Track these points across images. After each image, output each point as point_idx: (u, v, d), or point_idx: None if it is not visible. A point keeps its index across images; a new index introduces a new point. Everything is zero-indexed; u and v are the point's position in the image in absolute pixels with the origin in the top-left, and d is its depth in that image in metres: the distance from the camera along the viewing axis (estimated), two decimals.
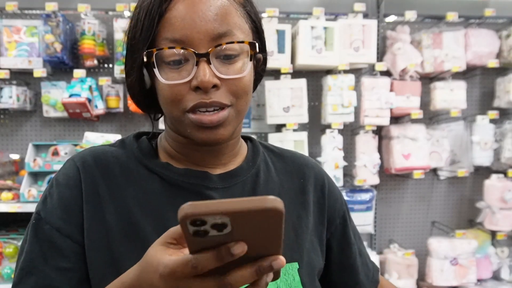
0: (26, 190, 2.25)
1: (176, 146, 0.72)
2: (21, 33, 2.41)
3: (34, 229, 0.67)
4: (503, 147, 2.64)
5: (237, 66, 0.64)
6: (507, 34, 2.65)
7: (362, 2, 2.49)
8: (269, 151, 0.82)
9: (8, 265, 2.29)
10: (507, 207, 2.59)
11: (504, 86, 2.66)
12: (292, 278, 0.69)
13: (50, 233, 0.65)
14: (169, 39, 0.62)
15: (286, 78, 2.43)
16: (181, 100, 0.63)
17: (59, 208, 0.67)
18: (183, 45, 0.62)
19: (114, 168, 0.69)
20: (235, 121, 0.67)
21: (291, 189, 0.77)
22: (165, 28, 0.63)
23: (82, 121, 2.59)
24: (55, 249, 0.65)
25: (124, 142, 0.75)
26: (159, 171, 0.70)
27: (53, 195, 0.68)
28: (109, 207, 0.66)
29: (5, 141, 2.61)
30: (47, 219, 0.66)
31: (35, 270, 0.64)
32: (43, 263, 0.64)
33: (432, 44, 2.58)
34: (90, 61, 2.47)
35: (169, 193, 0.68)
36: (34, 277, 0.64)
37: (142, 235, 0.65)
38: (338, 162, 2.45)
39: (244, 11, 0.67)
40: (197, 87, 0.62)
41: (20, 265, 0.66)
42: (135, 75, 0.67)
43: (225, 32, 0.63)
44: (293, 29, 2.50)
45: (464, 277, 2.57)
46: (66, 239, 0.65)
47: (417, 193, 2.83)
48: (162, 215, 0.67)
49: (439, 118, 2.72)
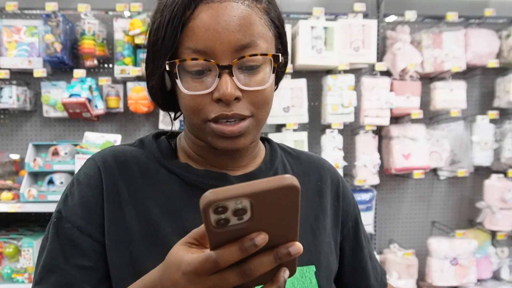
0: (26, 190, 2.25)
1: (195, 148, 0.73)
2: (21, 33, 2.41)
3: (55, 228, 0.67)
4: (503, 147, 2.64)
5: (259, 77, 0.64)
6: (507, 34, 2.65)
7: (362, 2, 2.49)
8: (286, 153, 0.82)
9: (8, 265, 2.29)
10: (507, 207, 2.59)
11: (504, 86, 2.66)
12: (309, 281, 0.69)
13: (71, 231, 0.66)
14: (192, 49, 0.62)
15: (286, 78, 2.43)
16: (202, 110, 0.63)
17: (80, 207, 0.67)
18: (206, 56, 0.61)
19: (133, 168, 0.70)
20: (255, 130, 0.67)
21: (309, 191, 0.78)
22: (188, 37, 0.62)
23: (82, 121, 2.59)
24: (76, 248, 0.65)
25: (143, 142, 0.75)
26: (179, 172, 0.70)
27: (74, 194, 0.68)
28: (129, 207, 0.67)
29: (5, 141, 2.61)
30: (68, 217, 0.67)
31: (56, 268, 0.65)
32: (64, 261, 0.65)
33: (432, 44, 2.58)
34: (90, 61, 2.47)
35: (188, 194, 0.69)
36: (56, 275, 0.64)
37: (161, 236, 0.65)
38: (338, 162, 2.45)
39: (268, 18, 0.67)
40: (219, 99, 0.62)
41: (41, 263, 0.66)
42: (156, 80, 0.67)
43: (248, 43, 0.62)
44: (293, 29, 2.50)
45: (464, 277, 2.57)
46: (86, 238, 0.66)
47: (417, 193, 2.83)
48: (181, 216, 0.67)
49: (439, 118, 2.72)
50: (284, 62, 0.73)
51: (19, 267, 2.26)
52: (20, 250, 2.25)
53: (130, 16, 2.47)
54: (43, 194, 2.25)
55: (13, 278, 2.26)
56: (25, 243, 2.24)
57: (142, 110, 2.40)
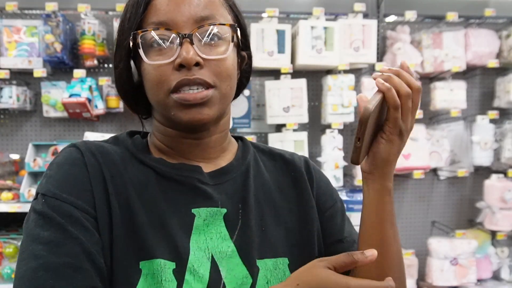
0: (26, 190, 2.25)
1: (166, 140, 0.73)
2: (21, 33, 2.41)
3: (46, 208, 0.61)
4: (503, 147, 2.64)
5: (220, 49, 0.67)
6: (507, 34, 2.65)
7: (362, 2, 2.49)
8: (259, 150, 0.83)
9: (8, 265, 2.29)
10: (507, 207, 2.59)
11: (504, 86, 2.67)
12: (283, 273, 0.69)
13: (63, 207, 0.61)
14: (155, 22, 0.65)
15: (286, 78, 2.43)
16: (166, 80, 0.65)
17: (67, 184, 0.64)
18: (167, 27, 0.65)
19: (113, 156, 0.69)
20: (220, 104, 0.68)
21: (284, 184, 0.78)
22: (151, 13, 0.66)
23: (82, 121, 2.59)
24: (76, 222, 0.61)
25: (118, 138, 0.75)
26: (153, 165, 0.70)
27: (54, 176, 0.65)
28: (111, 189, 0.65)
29: (5, 141, 2.61)
30: (57, 195, 0.62)
31: (67, 240, 0.59)
32: (73, 232, 0.60)
33: (432, 44, 2.58)
34: (90, 61, 2.47)
35: (163, 186, 0.69)
36: (66, 247, 0.59)
37: (137, 223, 0.65)
38: (338, 162, 2.45)
39: (226, 4, 0.71)
40: (181, 65, 0.64)
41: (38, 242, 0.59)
42: (123, 64, 0.69)
43: (207, 16, 0.66)
44: (293, 29, 2.50)
45: (464, 277, 2.57)
46: (82, 213, 0.62)
47: (417, 193, 2.83)
48: (157, 206, 0.67)
49: (439, 118, 2.72)
50: (248, 61, 0.76)
51: None
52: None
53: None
54: None
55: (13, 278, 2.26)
56: None
57: None
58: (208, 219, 0.68)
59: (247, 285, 0.66)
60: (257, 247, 0.69)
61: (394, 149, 0.68)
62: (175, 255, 0.64)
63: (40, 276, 0.57)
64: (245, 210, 0.71)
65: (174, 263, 0.63)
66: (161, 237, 0.65)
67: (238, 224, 0.70)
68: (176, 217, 0.67)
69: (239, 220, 0.70)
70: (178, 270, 0.63)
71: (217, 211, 0.69)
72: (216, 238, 0.68)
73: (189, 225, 0.67)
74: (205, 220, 0.68)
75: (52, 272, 0.57)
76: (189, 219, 0.67)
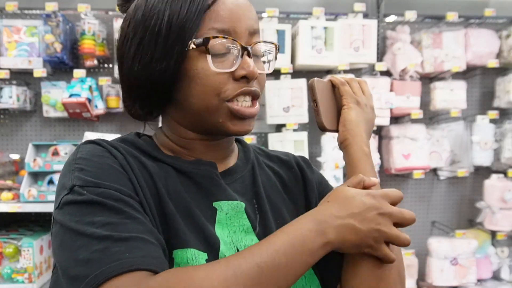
0: (26, 190, 2.25)
1: (179, 140, 0.72)
2: (21, 33, 2.41)
3: (89, 196, 0.58)
4: (503, 147, 2.64)
5: (261, 63, 0.71)
6: (507, 34, 2.65)
7: (362, 2, 2.49)
8: (255, 151, 0.85)
9: (8, 265, 2.28)
10: (507, 207, 2.60)
11: (504, 86, 2.67)
12: None
13: (109, 193, 0.58)
14: (217, 29, 0.65)
15: (286, 78, 2.43)
16: (223, 88, 0.65)
17: (104, 173, 0.61)
18: (230, 36, 0.65)
19: (129, 152, 0.67)
20: None
21: (286, 180, 0.81)
22: (212, 19, 0.65)
23: (82, 121, 2.59)
24: (127, 205, 0.58)
25: (126, 139, 0.73)
26: (170, 161, 0.70)
27: (86, 168, 0.61)
28: (140, 179, 0.64)
29: (5, 141, 2.61)
30: (99, 184, 0.59)
31: (128, 219, 0.57)
32: (132, 211, 0.58)
33: (432, 44, 2.58)
34: (90, 61, 2.47)
35: (182, 180, 0.69)
36: (131, 225, 0.56)
37: (167, 210, 0.64)
38: (338, 162, 2.45)
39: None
40: (242, 77, 0.66)
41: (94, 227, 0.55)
42: (167, 65, 0.65)
43: (258, 29, 0.69)
44: (293, 29, 2.50)
45: (464, 277, 2.57)
46: (129, 198, 0.60)
47: (417, 193, 2.83)
48: (181, 197, 0.66)
49: (439, 118, 2.72)
50: None
51: (19, 267, 2.26)
52: (20, 250, 2.25)
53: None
54: (43, 194, 2.25)
55: (13, 278, 2.25)
56: (25, 243, 2.24)
57: None
58: (230, 213, 0.69)
59: None
60: None
61: (356, 112, 0.79)
62: (207, 246, 0.64)
63: (114, 252, 0.52)
64: (260, 204, 0.73)
65: (206, 253, 0.63)
66: (191, 227, 0.65)
67: (257, 217, 0.72)
68: (199, 210, 0.67)
69: (256, 214, 0.72)
70: (210, 261, 0.62)
71: (238, 204, 0.70)
72: (239, 231, 0.69)
73: (212, 218, 0.68)
74: (227, 214, 0.69)
75: (125, 247, 0.53)
76: (212, 212, 0.68)
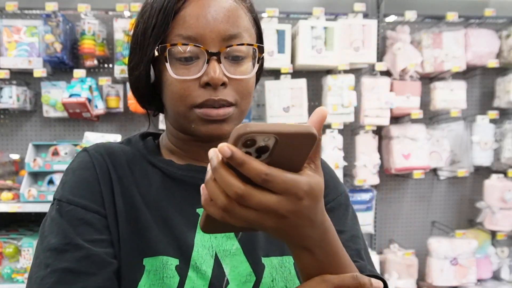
0: (26, 190, 2.25)
1: (177, 142, 0.75)
2: (21, 33, 2.41)
3: (58, 214, 0.65)
4: (503, 147, 2.64)
5: (244, 67, 0.68)
6: (507, 34, 2.65)
7: (362, 2, 2.49)
8: None
9: (8, 265, 2.29)
10: (507, 207, 2.59)
11: (504, 86, 2.67)
12: (288, 272, 0.70)
13: (77, 212, 0.65)
14: (183, 36, 0.65)
15: (286, 78, 2.43)
16: (189, 95, 0.66)
17: (80, 188, 0.67)
18: (196, 43, 0.65)
19: (121, 159, 0.72)
20: (238, 119, 0.70)
21: None
22: (179, 25, 0.65)
23: (82, 121, 2.59)
24: (86, 225, 0.64)
25: (130, 140, 0.78)
26: (162, 166, 0.72)
27: (69, 181, 0.68)
28: (117, 190, 0.68)
29: (5, 141, 2.61)
30: (70, 200, 0.66)
31: (69, 246, 0.62)
32: (77, 238, 0.63)
33: (432, 44, 2.58)
34: (90, 61, 2.47)
35: (169, 186, 0.71)
36: (70, 253, 0.62)
37: (141, 220, 0.67)
38: (338, 162, 2.46)
39: (251, 16, 0.71)
40: (207, 84, 0.65)
41: (48, 247, 0.62)
42: (142, 69, 0.69)
43: (235, 34, 0.66)
44: (293, 29, 2.50)
45: (464, 277, 2.57)
46: (94, 214, 0.65)
47: (417, 193, 2.83)
48: (160, 206, 0.69)
49: (439, 118, 2.72)
50: (260, 64, 0.76)
51: (19, 267, 2.26)
52: (20, 250, 2.26)
53: (130, 16, 2.47)
54: (43, 194, 2.25)
55: (13, 278, 2.26)
56: (25, 243, 2.24)
57: (142, 110, 2.40)
58: None
59: (250, 282, 0.67)
60: (263, 246, 0.70)
61: None
62: (179, 252, 0.65)
63: (45, 284, 0.60)
64: None
65: (177, 259, 0.64)
66: (165, 234, 0.66)
67: None
68: (180, 216, 0.68)
69: None
70: (181, 267, 0.64)
71: None
72: (220, 236, 0.69)
73: (193, 224, 0.68)
74: None
75: (55, 279, 0.60)
76: (194, 219, 0.69)
